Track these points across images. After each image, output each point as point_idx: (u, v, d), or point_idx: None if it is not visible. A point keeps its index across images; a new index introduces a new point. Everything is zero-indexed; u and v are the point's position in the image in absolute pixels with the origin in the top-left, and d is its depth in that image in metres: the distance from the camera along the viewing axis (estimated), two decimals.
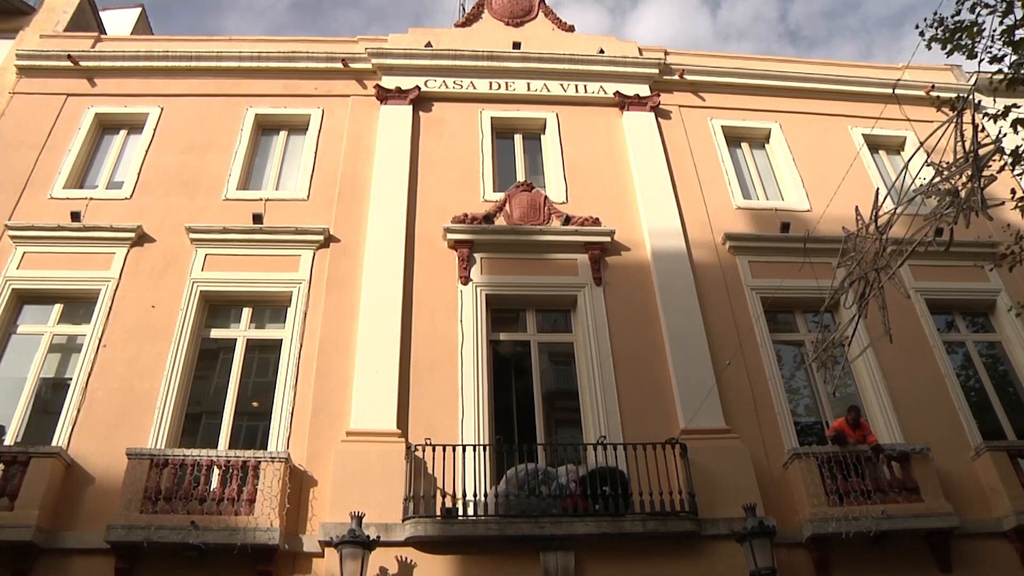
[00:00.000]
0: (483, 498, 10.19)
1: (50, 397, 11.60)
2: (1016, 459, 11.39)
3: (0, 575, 9.50)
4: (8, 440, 10.82)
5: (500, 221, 13.60)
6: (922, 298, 13.44)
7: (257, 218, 13.08)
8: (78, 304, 12.38)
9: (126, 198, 13.51)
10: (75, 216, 12.87)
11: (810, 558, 10.53)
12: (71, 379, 11.46)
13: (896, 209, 7.08)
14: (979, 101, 9.52)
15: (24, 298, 12.40)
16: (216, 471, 10.31)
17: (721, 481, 10.74)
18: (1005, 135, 9.15)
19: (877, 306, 7.51)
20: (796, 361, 13.10)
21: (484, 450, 10.71)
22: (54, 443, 10.62)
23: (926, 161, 7.24)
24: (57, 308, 12.34)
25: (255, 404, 11.85)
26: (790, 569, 10.30)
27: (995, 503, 11.13)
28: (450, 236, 13.14)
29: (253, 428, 11.59)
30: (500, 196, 13.96)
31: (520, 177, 14.62)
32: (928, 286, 13.57)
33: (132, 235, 12.78)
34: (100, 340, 11.73)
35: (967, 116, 6.79)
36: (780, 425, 11.81)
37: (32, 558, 9.61)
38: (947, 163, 6.65)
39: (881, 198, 7.36)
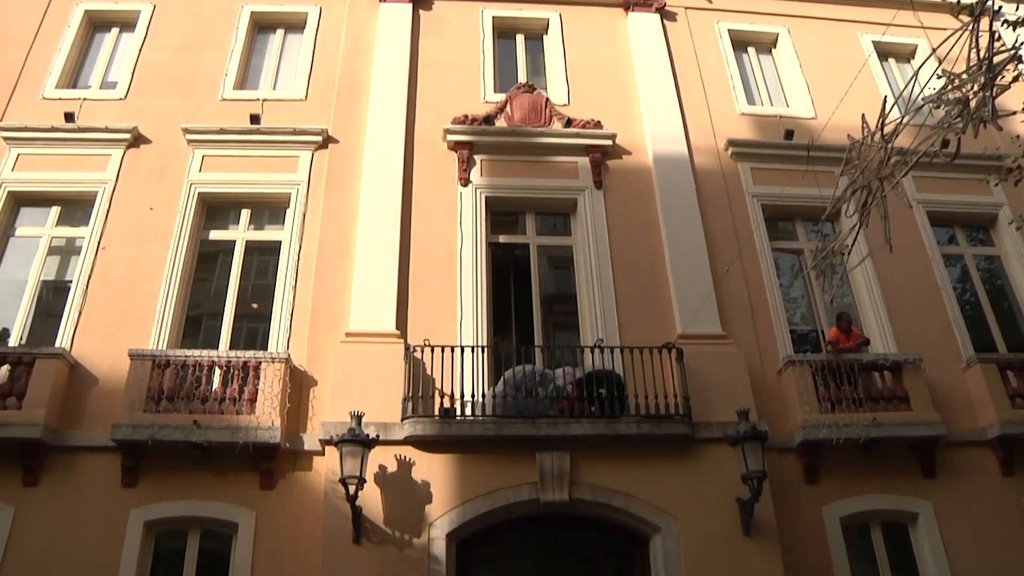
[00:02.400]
0: (481, 399, 10.36)
1: (51, 300, 11.65)
2: (1005, 371, 11.55)
3: (12, 471, 9.76)
4: (12, 342, 10.92)
5: (501, 123, 13.41)
6: (923, 210, 13.34)
7: (254, 119, 12.86)
8: (76, 206, 12.28)
9: (120, 99, 13.24)
10: (69, 117, 12.61)
11: (800, 463, 10.82)
12: (71, 281, 11.47)
13: (903, 118, 6.95)
14: (999, 7, 9.23)
15: (21, 200, 12.28)
16: (217, 371, 10.44)
17: (716, 386, 10.88)
18: (1023, 44, 8.89)
19: (879, 215, 7.46)
20: (794, 270, 13.14)
21: (482, 352, 10.80)
22: (57, 345, 10.71)
23: (937, 69, 7.08)
24: (55, 210, 12.23)
25: (255, 306, 11.92)
26: (780, 473, 10.58)
27: (982, 413, 11.35)
28: (450, 137, 12.97)
29: (253, 330, 11.70)
30: (501, 97, 13.72)
31: (522, 78, 14.33)
32: (930, 198, 13.47)
33: (128, 136, 12.57)
34: (99, 243, 11.69)
35: (984, 23, 6.58)
36: (776, 333, 11.92)
37: (41, 455, 9.85)
38: (959, 72, 6.49)
39: (888, 106, 7.22)
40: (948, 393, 11.52)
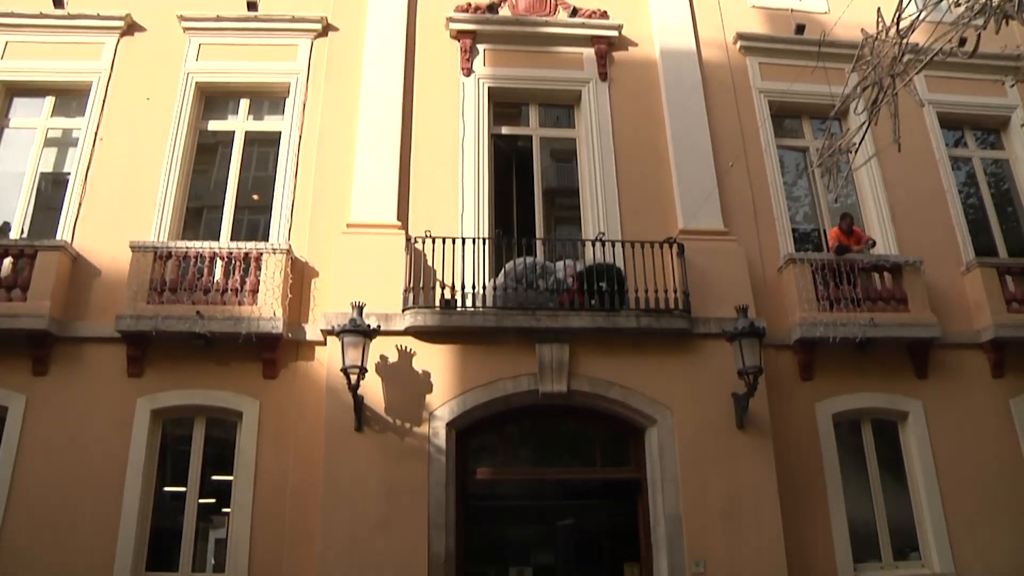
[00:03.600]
0: (481, 290, 10.40)
1: (51, 192, 11.56)
2: (1004, 276, 11.60)
3: (22, 361, 9.92)
4: (14, 235, 10.89)
5: (505, 11, 12.99)
6: (933, 111, 13.05)
7: (251, 6, 12.42)
8: (71, 96, 12.02)
9: None
10: (58, 3, 12.12)
11: (796, 360, 10.98)
12: (70, 173, 11.35)
13: (920, 13, 6.75)
14: None
15: (13, 90, 12.03)
16: (219, 263, 10.45)
17: (716, 282, 10.91)
18: None
19: (888, 114, 7.33)
20: (799, 168, 13.02)
21: (483, 243, 10.80)
22: (58, 237, 10.69)
23: None
24: (49, 101, 12.00)
25: (255, 197, 11.86)
26: (776, 369, 10.74)
27: (977, 316, 11.47)
28: (453, 26, 12.61)
29: (254, 222, 11.68)
30: None
31: None
32: (941, 99, 13.14)
33: (121, 24, 12.17)
34: (96, 134, 11.49)
35: None
36: (778, 230, 11.88)
37: (48, 346, 10.00)
38: None
39: (906, 0, 7.00)
40: (946, 295, 11.59)
